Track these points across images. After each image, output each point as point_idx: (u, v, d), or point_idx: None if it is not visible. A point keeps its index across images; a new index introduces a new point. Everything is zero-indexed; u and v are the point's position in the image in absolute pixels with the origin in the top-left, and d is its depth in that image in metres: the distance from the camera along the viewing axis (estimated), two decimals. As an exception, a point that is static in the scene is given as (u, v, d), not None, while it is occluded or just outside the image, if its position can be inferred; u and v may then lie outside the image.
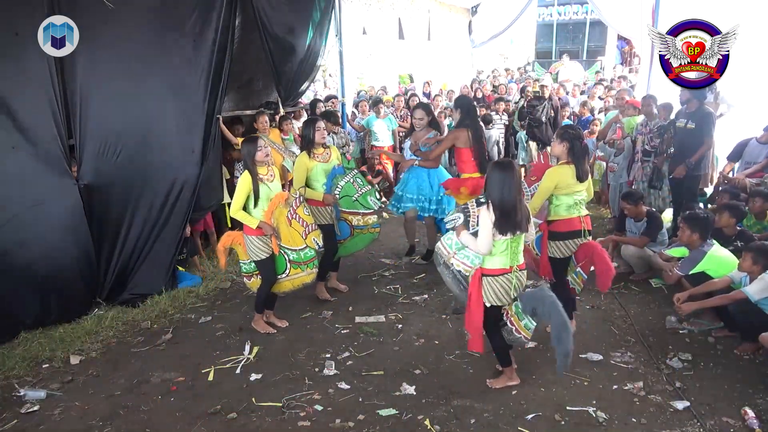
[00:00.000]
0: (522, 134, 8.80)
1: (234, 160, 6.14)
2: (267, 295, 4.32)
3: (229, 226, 5.79)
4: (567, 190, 3.85)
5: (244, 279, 4.46)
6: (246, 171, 4.08)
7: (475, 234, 3.36)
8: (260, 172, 4.10)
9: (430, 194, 5.31)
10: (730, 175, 5.99)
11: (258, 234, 4.07)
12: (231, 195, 5.42)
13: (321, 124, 4.62)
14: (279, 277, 4.29)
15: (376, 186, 4.09)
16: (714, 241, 4.33)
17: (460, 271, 3.52)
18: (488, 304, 3.37)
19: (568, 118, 8.19)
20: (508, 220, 3.22)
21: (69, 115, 4.50)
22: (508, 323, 3.47)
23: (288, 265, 4.27)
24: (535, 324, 3.50)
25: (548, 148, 8.27)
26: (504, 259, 3.32)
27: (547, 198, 3.91)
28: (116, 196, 4.80)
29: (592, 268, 4.11)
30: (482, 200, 3.46)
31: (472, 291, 3.38)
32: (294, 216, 4.21)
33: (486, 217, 3.23)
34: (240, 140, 5.50)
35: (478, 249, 3.30)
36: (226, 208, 5.75)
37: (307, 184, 4.60)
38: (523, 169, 7.65)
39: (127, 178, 4.83)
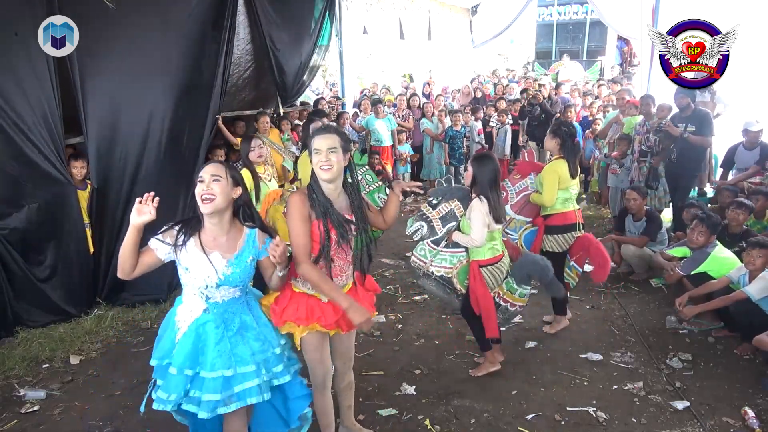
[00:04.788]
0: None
1: (234, 161, 6.14)
2: None
3: None
4: (563, 185, 3.94)
5: None
6: (245, 168, 4.10)
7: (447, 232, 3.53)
8: (258, 171, 4.11)
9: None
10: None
11: None
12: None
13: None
14: None
15: (385, 183, 3.99)
16: (717, 242, 4.33)
17: (441, 276, 3.59)
18: (491, 292, 3.50)
19: (579, 122, 8.06)
20: (500, 208, 3.37)
21: (78, 115, 4.50)
22: (501, 303, 3.58)
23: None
24: (529, 288, 3.66)
25: (529, 144, 8.32)
26: (497, 246, 3.47)
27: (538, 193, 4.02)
28: (117, 197, 4.80)
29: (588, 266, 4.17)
30: (434, 202, 3.59)
31: (476, 284, 3.45)
32: None
33: (479, 209, 3.32)
34: (239, 140, 5.51)
35: (473, 243, 3.38)
36: None
37: None
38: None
39: (128, 178, 4.83)
